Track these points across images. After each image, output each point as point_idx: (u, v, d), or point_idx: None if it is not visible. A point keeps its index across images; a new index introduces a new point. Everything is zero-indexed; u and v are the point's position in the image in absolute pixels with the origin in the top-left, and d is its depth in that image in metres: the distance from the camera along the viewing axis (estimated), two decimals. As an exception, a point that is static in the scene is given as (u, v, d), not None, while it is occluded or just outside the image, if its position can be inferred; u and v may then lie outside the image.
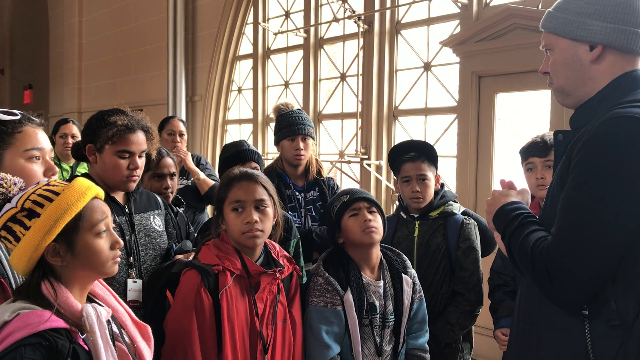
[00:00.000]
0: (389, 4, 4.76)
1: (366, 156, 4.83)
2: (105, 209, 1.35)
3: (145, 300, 1.96)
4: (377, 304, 1.98)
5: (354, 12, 4.78)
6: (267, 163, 3.10)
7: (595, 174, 1.25)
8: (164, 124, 3.90)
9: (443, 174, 2.54)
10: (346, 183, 5.26)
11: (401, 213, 2.48)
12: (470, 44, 4.01)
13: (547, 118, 3.70)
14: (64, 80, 9.27)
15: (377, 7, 4.80)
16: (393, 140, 4.75)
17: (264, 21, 6.00)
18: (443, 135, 4.50)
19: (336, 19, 5.00)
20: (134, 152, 1.97)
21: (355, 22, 4.77)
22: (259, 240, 1.81)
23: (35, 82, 10.67)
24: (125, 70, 7.97)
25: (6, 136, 1.50)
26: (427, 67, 4.58)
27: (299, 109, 2.91)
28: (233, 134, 6.59)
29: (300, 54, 5.67)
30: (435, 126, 4.61)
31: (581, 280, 1.25)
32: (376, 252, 2.06)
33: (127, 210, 2.04)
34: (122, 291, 1.92)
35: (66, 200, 1.27)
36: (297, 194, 2.80)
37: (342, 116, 5.34)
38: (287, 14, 5.86)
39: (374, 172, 4.78)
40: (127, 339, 1.38)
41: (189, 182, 3.69)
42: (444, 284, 2.37)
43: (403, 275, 2.05)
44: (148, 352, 1.41)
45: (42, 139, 1.56)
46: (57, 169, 1.58)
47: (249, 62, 6.27)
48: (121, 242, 1.37)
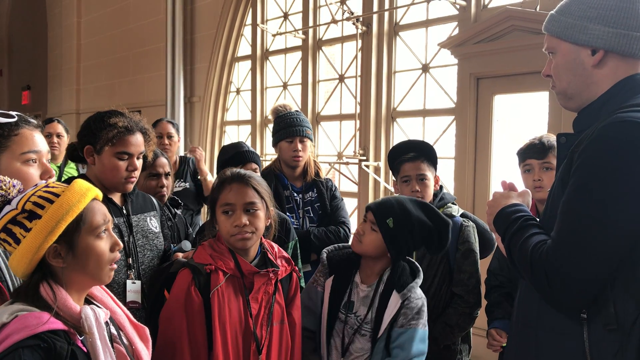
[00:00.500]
0: (387, 6, 4.76)
1: (364, 157, 4.83)
2: (105, 211, 1.36)
3: (146, 300, 1.97)
4: (356, 304, 1.97)
5: (352, 13, 4.78)
6: (266, 164, 3.10)
7: (595, 177, 1.25)
8: (153, 126, 3.91)
9: (441, 175, 2.55)
10: (344, 184, 5.27)
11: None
12: (469, 46, 4.02)
13: (545, 120, 3.71)
14: (62, 81, 9.26)
15: (375, 8, 4.80)
16: (391, 142, 4.74)
17: (262, 22, 6.00)
18: (441, 137, 4.50)
19: (334, 21, 5.00)
20: (132, 154, 1.97)
21: (354, 23, 4.77)
22: (249, 243, 1.80)
23: (33, 82, 10.65)
24: (124, 71, 7.97)
25: (2, 139, 1.49)
26: (425, 68, 4.58)
27: (297, 111, 2.91)
28: (231, 135, 6.59)
29: (298, 55, 5.67)
30: (434, 128, 4.61)
31: (580, 284, 1.25)
32: (377, 262, 1.98)
33: (124, 212, 2.05)
34: (121, 292, 1.93)
35: (67, 202, 1.27)
36: (295, 195, 2.80)
37: (341, 117, 5.35)
38: (286, 16, 5.86)
39: (372, 174, 4.78)
40: (125, 340, 1.38)
41: (187, 184, 3.70)
42: (443, 286, 2.37)
43: (394, 292, 1.92)
44: (146, 353, 1.41)
45: (39, 141, 1.55)
46: (53, 172, 1.57)
47: (248, 64, 6.27)
48: (121, 244, 1.37)
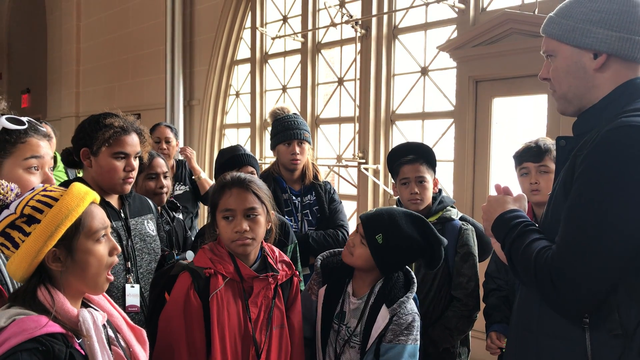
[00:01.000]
0: (386, 9, 4.77)
1: (364, 160, 4.84)
2: (104, 215, 1.36)
3: (147, 302, 1.97)
4: (347, 315, 1.94)
5: (351, 17, 4.79)
6: (265, 167, 3.09)
7: (599, 183, 1.24)
8: (151, 130, 3.91)
9: (440, 178, 2.55)
10: (344, 187, 5.27)
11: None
12: (467, 49, 4.02)
13: (544, 123, 3.71)
14: (61, 85, 9.27)
15: (374, 12, 4.81)
16: (390, 145, 4.75)
17: (261, 26, 6.01)
18: (440, 140, 4.51)
19: (334, 24, 5.01)
20: (129, 154, 1.98)
21: (353, 27, 4.78)
22: (249, 248, 1.80)
23: (33, 86, 10.66)
24: (123, 74, 7.97)
25: (8, 145, 1.50)
26: (424, 71, 4.59)
27: (295, 114, 2.91)
28: (231, 138, 6.59)
29: (297, 58, 5.68)
30: (433, 131, 4.62)
31: (586, 290, 1.24)
32: (369, 274, 1.95)
33: (122, 215, 2.04)
34: (120, 297, 1.93)
35: (66, 206, 1.27)
36: (294, 198, 2.80)
37: (340, 120, 5.35)
38: (285, 19, 5.87)
39: (371, 177, 4.78)
40: (122, 342, 1.38)
41: (187, 187, 3.70)
42: (442, 289, 2.37)
43: (384, 306, 1.87)
44: (143, 356, 1.41)
45: (43, 148, 1.56)
46: (54, 181, 1.57)
47: (247, 67, 6.28)
48: (119, 248, 1.37)
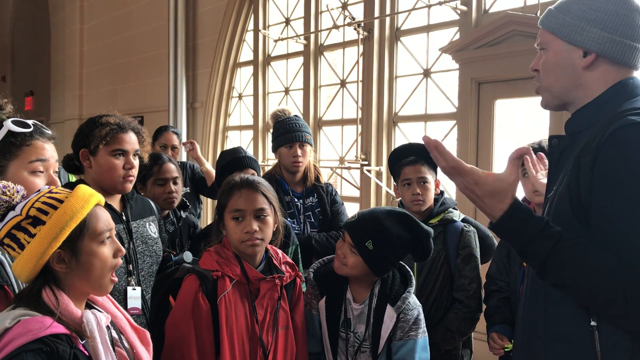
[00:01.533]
0: (388, 11, 4.78)
1: (366, 162, 4.84)
2: (108, 217, 1.37)
3: (150, 305, 1.97)
4: (353, 322, 1.93)
5: (353, 19, 4.79)
6: (268, 169, 3.10)
7: (629, 182, 1.21)
8: (157, 135, 3.91)
9: (443, 180, 2.55)
10: (346, 189, 5.27)
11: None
12: (470, 51, 4.02)
13: (546, 124, 3.71)
14: (65, 87, 9.29)
15: (376, 14, 4.81)
16: (393, 147, 4.74)
17: (264, 28, 6.02)
18: (443, 141, 4.49)
19: (336, 26, 5.02)
20: (128, 151, 1.98)
21: (355, 29, 4.79)
22: (258, 249, 1.81)
23: (36, 88, 10.69)
24: (126, 77, 8.00)
25: (14, 148, 1.51)
26: (426, 73, 4.59)
27: (297, 116, 2.91)
28: (234, 140, 6.60)
29: (300, 60, 5.69)
30: (435, 132, 4.62)
31: None
32: (365, 278, 1.95)
33: (124, 218, 2.05)
34: (122, 299, 1.93)
35: (71, 208, 1.28)
36: (296, 200, 2.80)
37: (342, 122, 5.35)
38: (287, 21, 5.88)
39: (374, 178, 4.79)
40: (126, 344, 1.39)
41: (187, 189, 3.72)
42: (444, 291, 2.37)
43: (388, 306, 1.89)
44: (147, 357, 1.41)
45: (49, 151, 1.57)
46: (59, 184, 1.58)
47: (250, 69, 6.29)
48: (123, 250, 1.38)
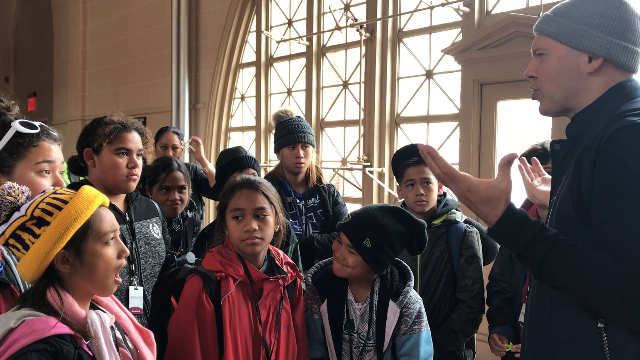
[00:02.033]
0: (391, 12, 4.78)
1: (368, 163, 4.84)
2: (113, 218, 1.37)
3: (151, 306, 1.97)
4: (356, 322, 1.93)
5: (356, 20, 4.80)
6: (270, 170, 3.11)
7: (631, 181, 1.22)
8: (158, 135, 3.91)
9: (445, 181, 2.54)
10: (348, 190, 5.28)
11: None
12: (472, 52, 4.03)
13: (548, 125, 3.71)
14: (67, 88, 9.32)
15: (379, 15, 4.81)
16: (395, 148, 4.74)
17: (266, 29, 6.03)
18: (445, 143, 4.51)
19: (338, 27, 5.03)
20: (131, 150, 2.00)
21: (358, 30, 4.79)
22: (258, 248, 1.82)
23: (39, 89, 10.74)
24: (129, 77, 8.01)
25: (21, 149, 1.52)
26: (429, 74, 4.60)
27: (299, 117, 2.91)
28: (236, 141, 6.61)
29: (302, 61, 5.69)
30: (437, 134, 4.62)
31: None
32: (365, 277, 1.94)
33: (127, 218, 2.06)
34: (124, 299, 1.94)
35: (75, 208, 1.28)
36: (298, 201, 2.81)
37: (345, 123, 5.36)
38: (290, 22, 5.89)
39: (376, 180, 4.79)
40: (130, 344, 1.39)
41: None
42: (447, 291, 2.38)
43: (390, 302, 1.90)
44: (151, 357, 1.42)
45: (55, 152, 1.58)
46: (64, 185, 1.59)
47: (252, 70, 6.30)
48: (127, 251, 1.38)
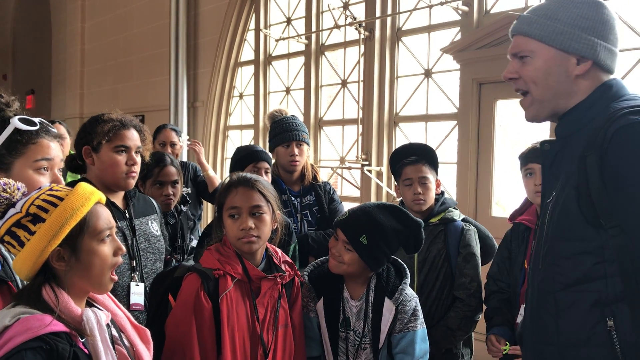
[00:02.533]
0: (389, 11, 4.78)
1: (367, 162, 4.84)
2: (109, 215, 1.37)
3: (148, 303, 1.97)
4: (352, 320, 1.93)
5: (355, 19, 4.80)
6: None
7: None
8: (156, 133, 3.92)
9: (443, 180, 2.55)
10: (347, 189, 5.27)
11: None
12: (471, 51, 4.02)
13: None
14: (66, 86, 9.31)
15: (378, 14, 4.81)
16: (394, 147, 4.74)
17: (265, 28, 6.02)
18: (444, 142, 4.51)
19: (337, 26, 5.02)
20: (130, 147, 2.00)
21: (356, 28, 4.79)
22: (254, 246, 1.81)
23: (37, 87, 10.72)
24: (128, 76, 8.00)
25: (20, 146, 1.51)
26: (427, 73, 4.59)
27: (293, 115, 2.94)
28: (234, 139, 6.60)
29: (301, 60, 5.69)
30: (436, 133, 4.62)
31: None
32: (361, 274, 1.94)
33: (127, 215, 2.06)
34: (125, 295, 1.95)
35: (71, 205, 1.28)
36: (293, 199, 2.82)
37: (343, 122, 5.36)
38: (289, 21, 5.88)
39: (374, 179, 4.79)
40: (126, 342, 1.39)
41: (188, 189, 3.73)
42: (444, 290, 2.38)
43: (386, 299, 1.90)
44: (147, 355, 1.41)
45: (54, 150, 1.57)
46: (63, 182, 1.58)
47: (251, 68, 6.29)
48: (124, 248, 1.38)
